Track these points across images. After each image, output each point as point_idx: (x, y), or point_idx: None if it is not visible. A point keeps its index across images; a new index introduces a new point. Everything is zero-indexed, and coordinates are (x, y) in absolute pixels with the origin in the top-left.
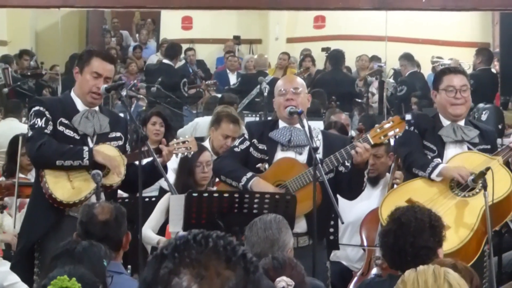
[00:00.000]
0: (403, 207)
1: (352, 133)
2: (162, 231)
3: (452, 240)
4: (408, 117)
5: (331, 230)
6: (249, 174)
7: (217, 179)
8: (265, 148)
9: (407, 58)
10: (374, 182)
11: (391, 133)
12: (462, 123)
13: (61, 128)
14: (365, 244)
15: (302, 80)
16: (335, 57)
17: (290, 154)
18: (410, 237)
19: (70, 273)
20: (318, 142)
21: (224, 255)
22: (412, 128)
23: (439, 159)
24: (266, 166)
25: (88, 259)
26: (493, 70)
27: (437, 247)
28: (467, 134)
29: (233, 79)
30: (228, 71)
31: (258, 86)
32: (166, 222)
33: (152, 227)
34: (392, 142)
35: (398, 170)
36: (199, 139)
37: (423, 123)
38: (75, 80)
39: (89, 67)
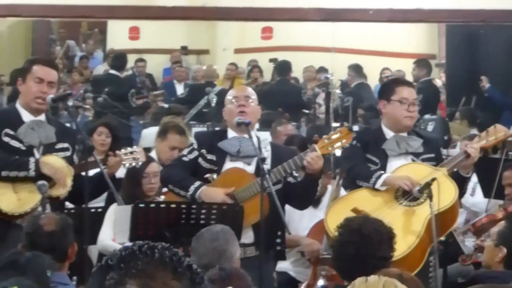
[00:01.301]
0: (357, 217)
1: None
2: None
3: (400, 246)
4: (355, 128)
5: (278, 240)
6: (197, 183)
7: (164, 189)
8: (214, 159)
9: (354, 69)
10: (315, 203)
11: (338, 144)
12: (405, 133)
13: (6, 139)
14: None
15: (254, 91)
16: (282, 68)
17: (239, 164)
18: (371, 248)
19: (14, 285)
20: (267, 153)
21: (171, 266)
22: (354, 142)
23: (383, 172)
24: (214, 176)
25: (32, 271)
26: (438, 81)
27: (391, 258)
28: (411, 145)
29: (180, 89)
30: (175, 81)
31: (206, 97)
32: None
33: (111, 237)
34: (338, 153)
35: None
36: (146, 150)
37: (365, 137)
38: (20, 92)
39: (31, 74)
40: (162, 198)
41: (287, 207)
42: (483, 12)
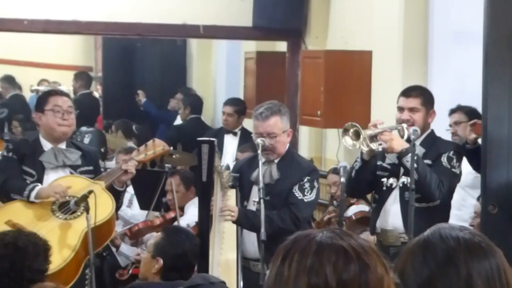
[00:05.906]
0: (11, 231)
1: None
2: None
3: (55, 260)
4: (6, 136)
5: None
6: None
7: None
8: None
9: (7, 80)
10: None
11: None
12: (63, 146)
13: None
14: None
15: None
16: None
17: None
18: (27, 261)
19: None
20: None
21: None
22: (10, 154)
23: (39, 184)
24: None
25: None
26: (96, 94)
27: (47, 271)
28: (69, 158)
29: None
30: None
31: None
32: None
33: None
34: None
35: None
36: None
37: (22, 148)
38: None
39: None
40: None
41: None
42: (139, 26)
